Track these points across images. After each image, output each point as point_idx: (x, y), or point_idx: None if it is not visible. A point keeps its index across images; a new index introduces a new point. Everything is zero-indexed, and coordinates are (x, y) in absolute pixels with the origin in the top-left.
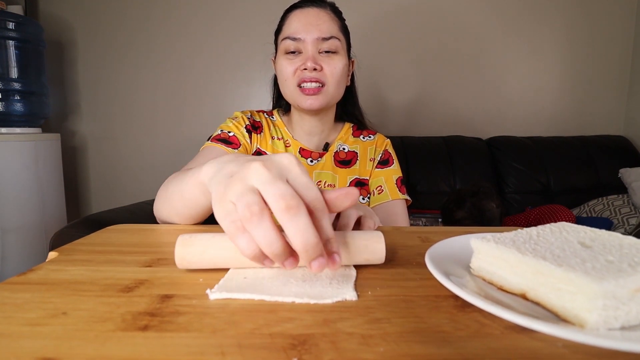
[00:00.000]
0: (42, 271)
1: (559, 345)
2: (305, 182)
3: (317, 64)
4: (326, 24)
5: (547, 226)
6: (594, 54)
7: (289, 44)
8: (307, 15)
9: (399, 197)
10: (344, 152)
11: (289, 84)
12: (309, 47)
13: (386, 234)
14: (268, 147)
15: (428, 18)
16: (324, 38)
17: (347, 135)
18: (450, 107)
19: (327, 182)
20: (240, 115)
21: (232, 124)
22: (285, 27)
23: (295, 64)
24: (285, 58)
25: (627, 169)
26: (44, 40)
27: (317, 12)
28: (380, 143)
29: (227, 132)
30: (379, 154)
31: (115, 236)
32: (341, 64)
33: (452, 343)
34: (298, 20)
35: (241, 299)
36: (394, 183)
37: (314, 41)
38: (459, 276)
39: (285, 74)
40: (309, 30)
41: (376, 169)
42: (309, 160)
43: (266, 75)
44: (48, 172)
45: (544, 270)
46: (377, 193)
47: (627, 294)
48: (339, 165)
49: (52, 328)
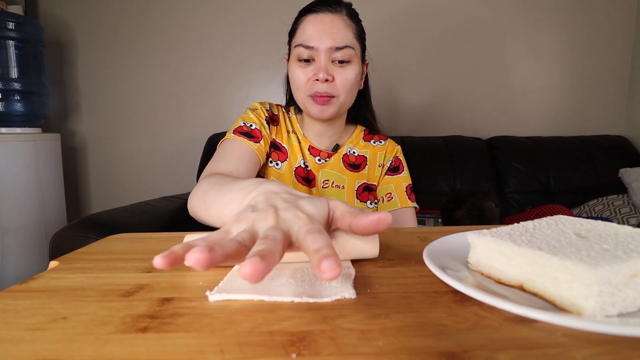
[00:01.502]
0: (43, 279)
1: (558, 334)
2: None
3: (329, 75)
4: (341, 32)
5: (544, 219)
6: (594, 54)
7: (301, 52)
8: (322, 22)
9: (409, 205)
10: (354, 155)
11: (300, 92)
12: (321, 56)
13: (385, 235)
14: (284, 140)
15: (428, 18)
16: (338, 47)
17: (357, 139)
18: (450, 107)
19: (334, 183)
20: (260, 106)
21: (254, 115)
22: (298, 32)
23: (308, 74)
24: (298, 66)
25: (627, 169)
26: (44, 40)
27: (331, 18)
28: (391, 149)
29: (250, 125)
30: (389, 160)
31: (116, 245)
32: (354, 72)
33: (451, 335)
34: (312, 26)
35: (240, 299)
36: (403, 191)
37: (327, 50)
38: (457, 271)
39: (298, 82)
40: (323, 39)
41: (386, 176)
42: (317, 159)
43: (266, 76)
44: (48, 172)
45: (540, 261)
46: (386, 200)
47: (623, 280)
48: (348, 168)
49: (53, 332)
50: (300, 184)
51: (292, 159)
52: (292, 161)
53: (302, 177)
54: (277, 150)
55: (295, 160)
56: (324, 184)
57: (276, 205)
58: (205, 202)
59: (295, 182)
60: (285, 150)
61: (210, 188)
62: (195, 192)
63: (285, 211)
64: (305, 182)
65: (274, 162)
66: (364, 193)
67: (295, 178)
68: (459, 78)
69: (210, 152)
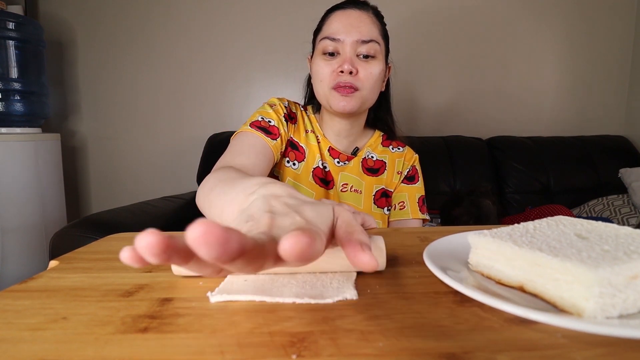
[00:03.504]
0: (43, 279)
1: (559, 336)
2: None
3: (354, 67)
4: (367, 27)
5: (544, 220)
6: (594, 55)
7: (327, 44)
8: (349, 16)
9: (419, 217)
10: (372, 160)
11: (323, 85)
12: (347, 48)
13: (385, 235)
14: (302, 139)
15: (427, 19)
16: (364, 41)
17: (376, 144)
18: (450, 107)
19: (353, 187)
20: (278, 102)
21: (272, 111)
22: (325, 27)
23: (332, 66)
24: (322, 59)
25: (627, 169)
26: (44, 40)
27: (359, 14)
28: (409, 158)
29: (268, 121)
30: (407, 168)
31: (116, 244)
32: (378, 69)
33: (451, 337)
34: (339, 21)
35: (241, 300)
36: (416, 201)
37: (353, 43)
38: (457, 272)
39: (322, 75)
40: (349, 32)
41: (402, 184)
42: (336, 161)
43: (266, 76)
44: (48, 172)
45: (540, 262)
46: (398, 208)
47: (623, 281)
48: (366, 173)
49: (53, 332)
50: (318, 185)
51: (309, 159)
52: (310, 161)
53: (320, 179)
54: (294, 149)
55: (313, 160)
56: (342, 187)
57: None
58: (209, 199)
59: (312, 183)
60: (302, 150)
61: (216, 184)
62: (202, 187)
63: (283, 217)
64: (322, 184)
65: (290, 162)
66: (382, 199)
67: (312, 179)
68: (459, 78)
69: (210, 152)
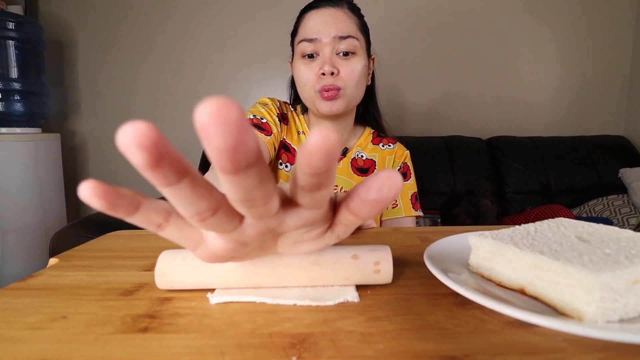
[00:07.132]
0: (43, 277)
1: (559, 339)
2: None
3: (335, 67)
4: (343, 23)
5: (545, 222)
6: (593, 54)
7: (305, 47)
8: (323, 14)
9: (412, 214)
10: (362, 159)
11: (308, 89)
12: (325, 48)
13: (385, 235)
14: (294, 141)
15: (427, 18)
16: (341, 37)
17: (366, 142)
18: (450, 107)
19: (342, 188)
20: (270, 102)
21: (265, 110)
22: (300, 28)
23: (313, 69)
24: (302, 62)
25: (627, 169)
26: (44, 40)
27: (333, 11)
28: (400, 154)
29: (260, 118)
30: (398, 165)
31: (116, 242)
32: (360, 65)
33: (452, 339)
34: (314, 20)
35: (241, 301)
36: (408, 199)
37: (331, 40)
38: (458, 273)
39: (304, 79)
40: (325, 30)
41: None
42: None
43: (265, 76)
44: (48, 172)
45: (541, 265)
46: (391, 207)
47: (625, 286)
48: (356, 173)
49: (52, 332)
50: None
51: None
52: None
53: None
54: (287, 151)
55: None
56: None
57: None
58: None
59: None
60: (295, 152)
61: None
62: None
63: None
64: None
65: (283, 164)
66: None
67: None
68: (459, 78)
69: None
